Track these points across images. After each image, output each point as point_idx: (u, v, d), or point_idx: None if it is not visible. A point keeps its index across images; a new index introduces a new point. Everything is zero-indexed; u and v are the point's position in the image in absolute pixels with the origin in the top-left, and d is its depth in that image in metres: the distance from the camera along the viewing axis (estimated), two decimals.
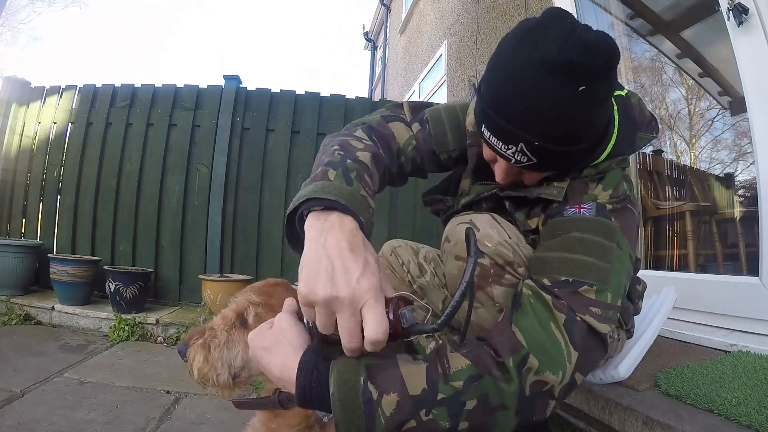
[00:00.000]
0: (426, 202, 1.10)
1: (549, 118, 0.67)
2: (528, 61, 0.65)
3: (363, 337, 0.52)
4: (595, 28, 0.67)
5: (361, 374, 0.56)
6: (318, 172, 0.67)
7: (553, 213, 0.77)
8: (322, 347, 0.58)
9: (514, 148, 0.71)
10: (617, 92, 0.82)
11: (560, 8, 0.70)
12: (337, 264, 0.53)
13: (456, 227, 0.79)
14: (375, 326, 0.50)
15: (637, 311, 0.99)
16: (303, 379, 0.57)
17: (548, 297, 0.64)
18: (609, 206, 0.74)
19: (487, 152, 0.83)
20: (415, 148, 0.91)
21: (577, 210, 0.73)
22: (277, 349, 0.61)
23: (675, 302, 1.21)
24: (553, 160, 0.73)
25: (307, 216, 0.60)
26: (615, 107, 0.80)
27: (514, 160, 0.73)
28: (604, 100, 0.71)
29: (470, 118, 0.92)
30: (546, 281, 0.66)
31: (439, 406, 0.56)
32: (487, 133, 0.74)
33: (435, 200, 1.06)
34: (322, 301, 0.52)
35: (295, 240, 0.64)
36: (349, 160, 0.70)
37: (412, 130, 0.92)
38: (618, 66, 0.68)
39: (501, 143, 0.72)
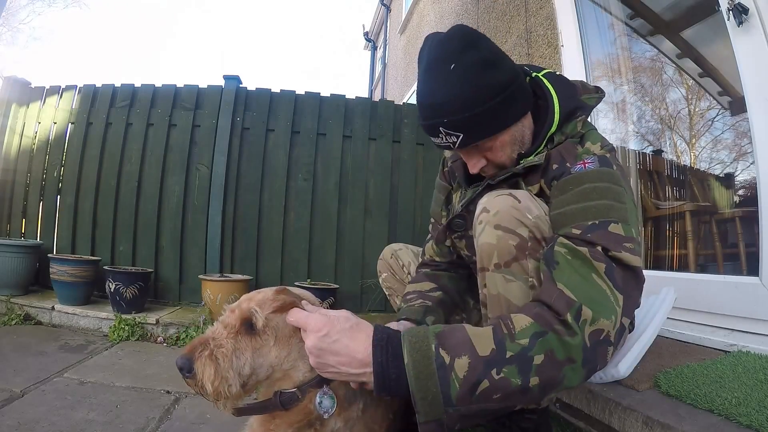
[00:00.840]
0: (450, 248, 1.12)
1: (441, 98, 0.81)
2: (419, 73, 0.85)
3: None
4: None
5: (432, 341, 0.61)
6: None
7: (559, 174, 0.84)
8: None
9: (442, 135, 0.84)
10: (546, 70, 0.95)
11: (430, 33, 0.88)
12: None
13: (495, 198, 0.81)
14: None
15: (636, 304, 0.99)
16: (379, 355, 0.62)
17: (584, 249, 0.68)
18: (607, 155, 0.83)
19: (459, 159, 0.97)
20: (438, 242, 1.11)
21: (583, 165, 0.81)
22: (353, 336, 0.65)
23: (675, 302, 1.21)
24: (471, 125, 0.82)
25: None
26: (545, 80, 0.92)
27: (452, 144, 0.85)
28: (484, 66, 0.81)
29: (448, 153, 1.12)
30: (575, 231, 0.72)
31: (509, 364, 0.59)
32: (433, 140, 0.88)
33: (441, 232, 1.09)
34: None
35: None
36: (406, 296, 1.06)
37: (430, 235, 1.16)
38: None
39: (435, 138, 0.86)
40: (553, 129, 0.89)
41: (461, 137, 0.83)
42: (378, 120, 2.95)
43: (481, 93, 0.81)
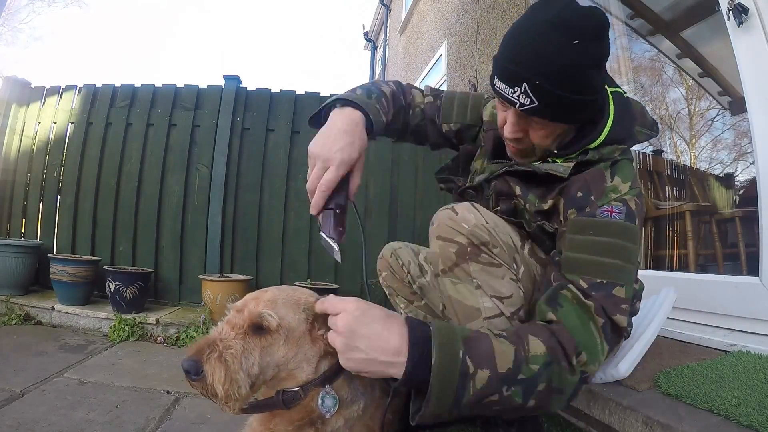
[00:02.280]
0: (439, 180, 1.19)
1: (547, 60, 0.77)
2: (533, 20, 0.79)
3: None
4: None
5: (460, 348, 0.64)
6: (350, 89, 0.95)
7: (580, 206, 0.83)
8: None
9: (519, 89, 0.79)
10: (616, 89, 0.92)
11: None
12: (331, 135, 0.83)
13: (439, 212, 0.90)
14: (326, 179, 0.81)
15: (634, 312, 1.00)
16: (414, 355, 0.64)
17: (590, 303, 0.74)
18: (633, 206, 0.82)
19: (500, 117, 0.91)
20: (422, 110, 1.11)
21: (609, 213, 0.81)
22: (387, 325, 0.67)
23: (675, 302, 1.21)
24: (552, 102, 0.79)
25: (332, 110, 0.90)
26: (611, 97, 0.90)
27: (519, 103, 0.81)
28: (596, 63, 0.79)
29: (488, 110, 1.08)
30: (583, 283, 0.76)
31: (517, 385, 0.65)
32: (497, 83, 0.83)
33: (447, 179, 1.15)
34: (312, 155, 0.83)
35: (316, 125, 0.92)
36: (373, 87, 0.99)
37: (424, 98, 1.13)
38: (612, 62, 0.74)
39: (508, 87, 0.81)
40: (592, 146, 0.88)
41: (536, 105, 0.79)
42: None
43: (582, 84, 0.79)
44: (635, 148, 1.21)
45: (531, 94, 0.79)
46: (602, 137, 0.87)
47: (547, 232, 0.88)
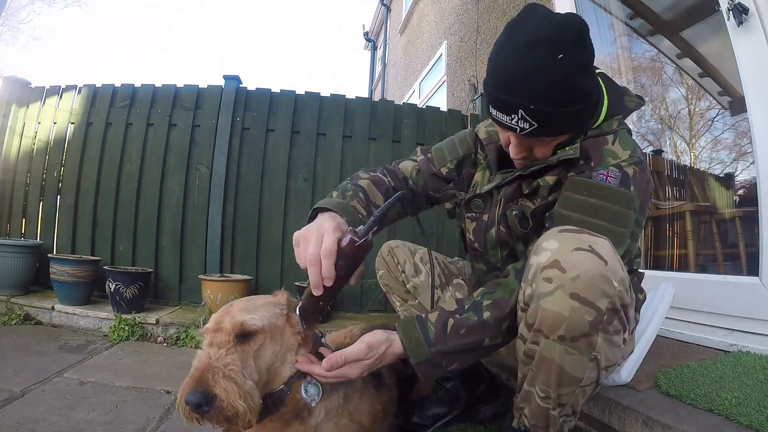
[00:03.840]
0: (440, 198, 1.17)
1: (537, 83, 0.78)
2: (513, 42, 0.79)
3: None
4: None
5: (414, 316, 0.84)
6: (330, 193, 0.99)
7: (580, 170, 0.86)
8: (305, 302, 0.80)
9: (516, 116, 0.81)
10: (599, 70, 0.93)
11: (534, 2, 0.87)
12: (304, 237, 0.80)
13: (575, 254, 0.69)
14: (324, 246, 0.76)
15: (636, 321, 0.99)
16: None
17: None
18: (630, 171, 0.83)
19: (502, 137, 0.94)
20: (420, 172, 1.14)
21: (605, 177, 0.82)
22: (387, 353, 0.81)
23: (675, 303, 1.20)
24: (550, 121, 0.81)
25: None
26: (600, 79, 0.92)
27: (519, 129, 0.82)
28: (584, 68, 0.81)
29: (482, 129, 1.10)
30: None
31: (467, 311, 0.81)
32: (494, 112, 0.85)
33: (448, 194, 1.14)
34: (296, 238, 0.81)
35: None
36: (349, 185, 1.01)
37: (417, 161, 1.16)
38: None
39: (504, 115, 0.82)
40: (595, 126, 0.91)
41: (535, 127, 0.81)
42: (378, 120, 2.95)
43: (576, 94, 0.80)
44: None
45: (529, 119, 0.80)
46: (602, 118, 0.90)
47: None
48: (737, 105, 2.03)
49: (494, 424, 1.19)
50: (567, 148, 0.89)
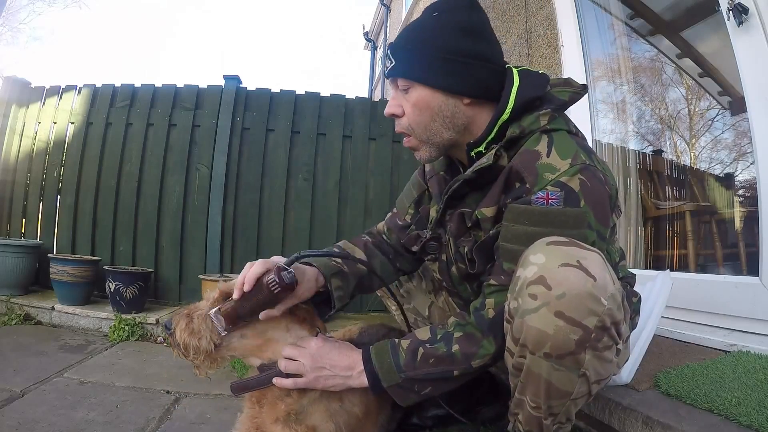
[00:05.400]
0: (406, 243, 1.11)
1: (410, 32, 0.86)
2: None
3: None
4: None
5: (388, 341, 0.85)
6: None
7: (516, 196, 0.78)
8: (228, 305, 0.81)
9: (388, 57, 0.87)
10: (525, 67, 0.91)
11: None
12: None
13: (562, 270, 0.65)
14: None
15: (633, 326, 0.98)
16: (367, 364, 0.84)
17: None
18: (575, 184, 0.74)
19: (390, 104, 0.92)
20: (390, 229, 1.14)
21: (545, 201, 0.74)
22: (339, 356, 0.85)
23: (675, 301, 1.20)
24: (407, 59, 0.84)
25: None
26: (515, 70, 0.87)
27: (385, 70, 0.88)
28: (460, 30, 0.82)
29: (428, 166, 1.08)
30: (503, 278, 0.79)
31: (438, 342, 0.81)
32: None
33: (412, 237, 1.08)
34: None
35: None
36: (333, 247, 1.05)
37: (385, 220, 1.18)
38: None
39: (385, 67, 0.89)
40: (505, 116, 0.82)
41: (393, 64, 0.86)
42: (378, 120, 2.95)
43: (437, 42, 0.82)
44: (629, 143, 1.21)
45: (391, 57, 0.86)
46: (510, 104, 0.82)
47: None
48: (737, 105, 2.03)
49: (494, 426, 1.19)
50: (481, 147, 0.85)
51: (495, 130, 0.84)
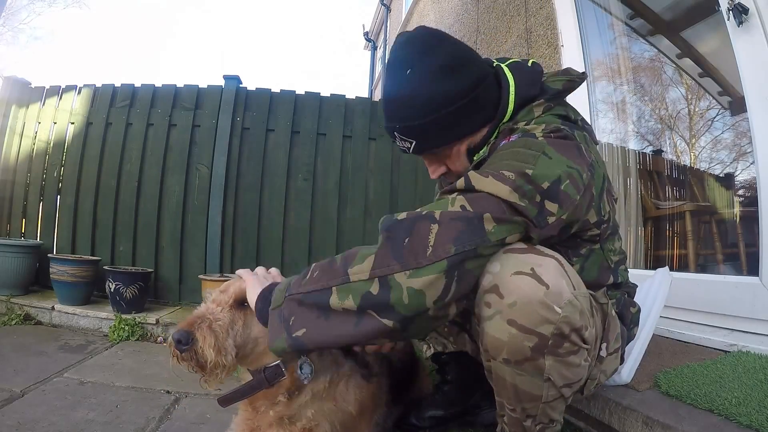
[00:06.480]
0: None
1: (398, 103, 0.83)
2: (384, 73, 0.89)
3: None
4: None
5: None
6: None
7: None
8: None
9: (398, 140, 0.86)
10: (512, 59, 0.91)
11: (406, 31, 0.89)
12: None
13: (514, 278, 0.65)
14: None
15: (631, 337, 0.97)
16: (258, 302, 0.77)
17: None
18: (539, 135, 0.75)
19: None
20: None
21: (507, 140, 0.79)
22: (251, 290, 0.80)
23: (675, 300, 1.20)
24: (424, 134, 0.83)
25: None
26: (506, 68, 0.87)
27: (407, 149, 0.87)
28: (440, 72, 0.80)
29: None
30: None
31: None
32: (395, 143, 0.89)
33: None
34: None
35: None
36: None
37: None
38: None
39: (395, 143, 0.88)
40: (506, 119, 0.84)
41: (414, 144, 0.85)
42: (378, 120, 2.95)
43: (434, 101, 0.80)
44: (629, 143, 1.18)
45: (406, 138, 0.84)
46: (510, 107, 0.84)
47: None
48: (737, 105, 2.03)
49: (493, 428, 1.19)
50: (482, 151, 0.87)
51: (496, 132, 0.87)
